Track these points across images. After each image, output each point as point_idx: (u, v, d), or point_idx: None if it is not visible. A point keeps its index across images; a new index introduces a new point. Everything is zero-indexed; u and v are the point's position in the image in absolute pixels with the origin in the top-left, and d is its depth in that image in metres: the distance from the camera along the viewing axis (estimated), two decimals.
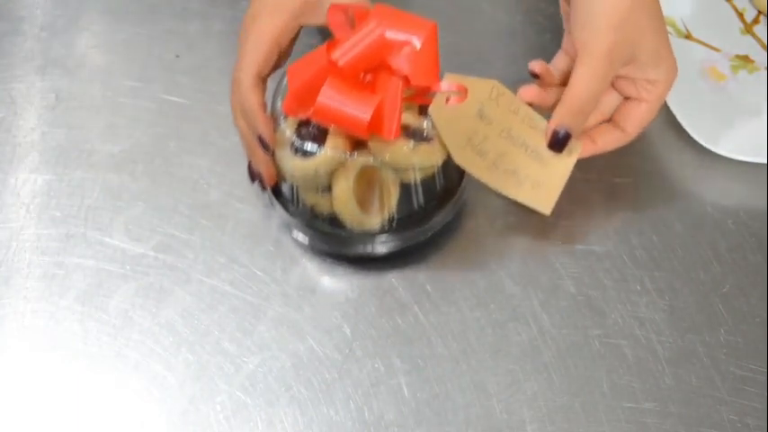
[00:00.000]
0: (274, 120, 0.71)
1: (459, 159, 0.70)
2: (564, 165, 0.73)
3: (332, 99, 0.66)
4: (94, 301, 0.74)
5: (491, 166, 0.71)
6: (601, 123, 0.75)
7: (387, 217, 0.72)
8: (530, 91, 0.73)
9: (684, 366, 0.70)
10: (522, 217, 0.77)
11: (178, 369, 0.71)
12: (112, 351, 0.72)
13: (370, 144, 0.69)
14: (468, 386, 0.70)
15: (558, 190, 0.73)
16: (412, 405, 0.69)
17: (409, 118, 0.69)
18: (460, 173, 0.73)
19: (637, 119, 0.73)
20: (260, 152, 0.71)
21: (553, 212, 0.76)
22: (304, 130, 0.70)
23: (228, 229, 0.77)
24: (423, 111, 0.70)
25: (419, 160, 0.69)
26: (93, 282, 0.75)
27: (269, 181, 0.72)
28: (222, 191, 0.79)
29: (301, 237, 0.74)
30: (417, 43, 0.67)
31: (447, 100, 0.68)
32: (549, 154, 0.72)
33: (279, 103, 0.71)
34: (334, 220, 0.72)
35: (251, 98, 0.70)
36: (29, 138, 0.83)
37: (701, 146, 0.79)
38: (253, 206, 0.78)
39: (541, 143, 0.72)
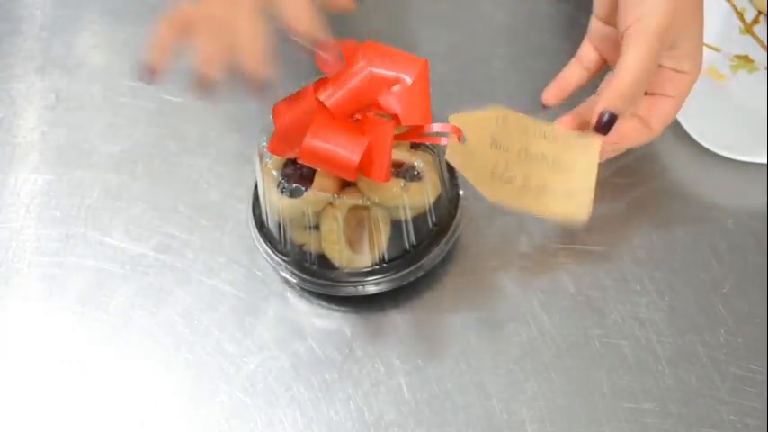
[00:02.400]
0: (260, 157, 0.69)
1: (490, 195, 0.68)
2: (588, 165, 0.71)
3: (319, 141, 0.64)
4: (94, 301, 0.74)
5: (522, 190, 0.70)
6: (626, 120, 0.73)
7: (377, 256, 0.70)
8: (566, 122, 0.72)
9: (684, 366, 0.70)
10: (522, 217, 0.77)
11: (178, 369, 0.71)
12: (112, 351, 0.72)
13: (360, 183, 0.67)
14: (468, 386, 0.70)
15: (591, 191, 0.72)
16: (412, 405, 0.69)
17: (401, 154, 0.68)
18: (453, 210, 0.72)
19: (662, 115, 0.72)
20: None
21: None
22: (290, 170, 0.68)
23: (228, 229, 0.77)
24: (414, 147, 0.69)
25: (410, 200, 0.68)
26: (93, 282, 0.75)
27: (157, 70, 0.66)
28: (222, 191, 0.79)
29: (290, 277, 0.72)
30: (408, 81, 0.65)
31: (457, 138, 0.66)
32: (570, 160, 0.71)
33: (264, 141, 0.69)
34: (323, 259, 0.70)
35: None
36: (29, 138, 0.83)
37: (701, 146, 0.79)
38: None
39: (559, 151, 0.71)
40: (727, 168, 0.79)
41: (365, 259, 0.70)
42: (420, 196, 0.69)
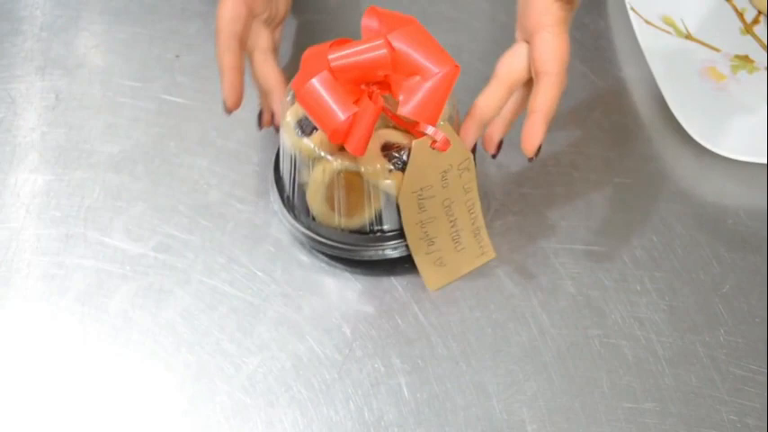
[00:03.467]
0: (283, 105, 0.72)
1: (401, 199, 0.69)
2: (473, 261, 0.74)
3: (316, 91, 0.65)
4: (94, 301, 0.74)
5: (418, 223, 0.71)
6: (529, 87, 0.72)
7: (367, 222, 0.71)
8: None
9: (684, 366, 0.70)
10: (522, 217, 0.77)
11: (178, 369, 0.71)
12: (112, 351, 0.72)
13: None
14: (468, 386, 0.70)
15: (455, 277, 0.74)
16: (412, 405, 0.69)
17: (398, 136, 0.69)
18: None
19: (550, 52, 0.69)
20: (272, 96, 0.74)
21: (553, 212, 0.76)
22: (302, 119, 0.70)
23: (228, 229, 0.77)
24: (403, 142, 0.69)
25: (389, 185, 0.69)
26: (93, 282, 0.75)
27: (266, 122, 0.75)
28: (222, 191, 0.79)
29: (301, 237, 0.74)
30: (434, 71, 0.66)
31: (433, 143, 0.67)
32: (466, 244, 0.73)
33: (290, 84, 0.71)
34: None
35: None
36: (29, 138, 0.83)
37: (701, 146, 0.79)
38: (253, 206, 0.78)
39: (467, 230, 0.72)
40: (727, 168, 0.79)
41: (354, 222, 0.71)
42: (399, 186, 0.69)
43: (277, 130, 0.74)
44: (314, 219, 0.73)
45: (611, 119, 0.83)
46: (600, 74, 0.86)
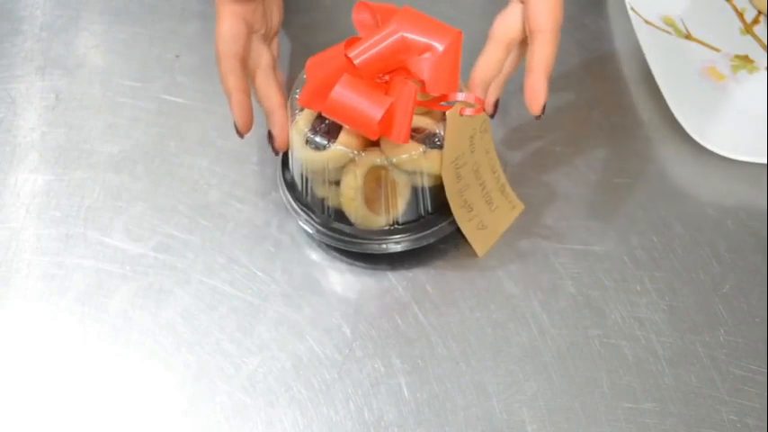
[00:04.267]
0: (291, 110, 0.72)
1: (444, 172, 0.70)
2: (507, 217, 0.76)
3: (344, 96, 0.66)
4: (94, 301, 0.74)
5: (458, 192, 0.71)
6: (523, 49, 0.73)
7: (393, 217, 0.72)
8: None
9: (684, 366, 0.70)
10: (522, 217, 0.77)
11: (178, 369, 0.71)
12: (112, 351, 0.72)
13: (382, 145, 0.69)
14: (468, 386, 0.70)
15: (496, 237, 0.75)
16: (412, 405, 0.69)
17: (425, 122, 0.69)
18: None
19: (545, 10, 0.70)
20: (278, 114, 0.72)
21: (553, 213, 0.76)
22: (318, 125, 0.70)
23: (228, 229, 0.77)
24: (439, 118, 0.70)
25: (428, 166, 0.69)
26: (93, 282, 0.75)
27: (280, 146, 0.73)
28: (222, 191, 0.79)
29: (308, 228, 0.74)
30: (439, 49, 0.67)
31: (462, 110, 0.68)
32: (498, 203, 0.74)
33: (296, 95, 0.71)
34: (341, 215, 0.72)
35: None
36: (29, 138, 0.83)
37: (700, 146, 0.79)
38: (253, 206, 0.78)
39: (495, 190, 0.74)
40: (727, 168, 0.79)
41: (381, 220, 0.72)
42: (438, 163, 0.70)
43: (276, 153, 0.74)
44: (351, 224, 0.73)
45: (610, 119, 0.83)
46: (600, 74, 0.86)
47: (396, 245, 0.73)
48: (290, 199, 0.74)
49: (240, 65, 0.72)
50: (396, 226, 0.73)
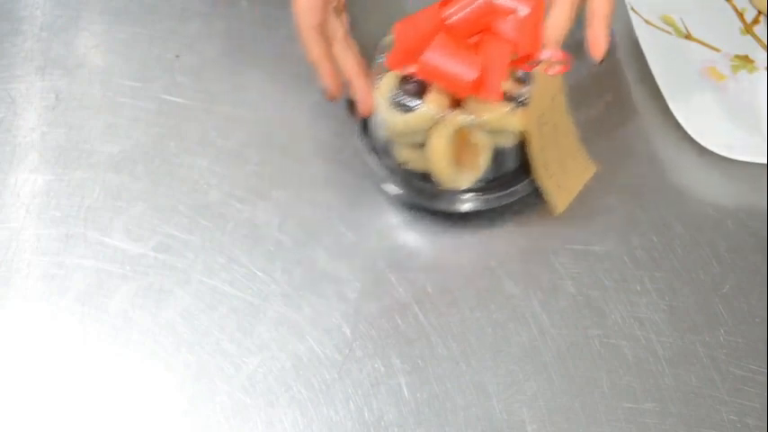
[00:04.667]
0: (376, 74, 0.74)
1: (530, 129, 0.72)
2: (581, 177, 0.78)
3: (439, 56, 0.69)
4: (94, 301, 0.74)
5: (541, 150, 0.73)
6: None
7: (477, 177, 0.74)
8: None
9: (684, 366, 0.70)
10: (523, 217, 0.77)
11: (178, 369, 0.71)
12: (112, 351, 0.72)
13: (468, 104, 0.71)
14: (468, 386, 0.70)
15: (572, 197, 0.77)
16: (412, 405, 0.69)
17: (506, 85, 0.71)
18: None
19: None
20: (361, 80, 0.75)
21: (553, 212, 0.76)
22: (404, 87, 0.72)
23: (228, 229, 0.77)
24: (517, 80, 0.72)
25: (514, 124, 0.71)
26: (92, 282, 0.75)
27: (366, 111, 0.75)
28: (222, 191, 0.79)
29: (391, 188, 0.76)
30: (524, 12, 0.70)
31: (546, 70, 0.71)
32: (573, 163, 0.77)
33: (380, 60, 0.74)
34: (423, 175, 0.75)
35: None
36: (29, 138, 0.83)
37: (701, 146, 0.79)
38: (253, 206, 0.78)
39: (570, 151, 0.76)
40: (727, 168, 0.79)
41: (465, 179, 0.74)
42: (523, 123, 0.71)
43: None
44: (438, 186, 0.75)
45: (611, 119, 0.83)
46: (600, 74, 0.86)
47: (479, 203, 0.75)
48: (374, 162, 0.76)
49: (320, 35, 0.75)
50: (479, 184, 0.75)
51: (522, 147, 0.73)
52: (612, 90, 0.85)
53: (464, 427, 0.68)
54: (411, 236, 0.77)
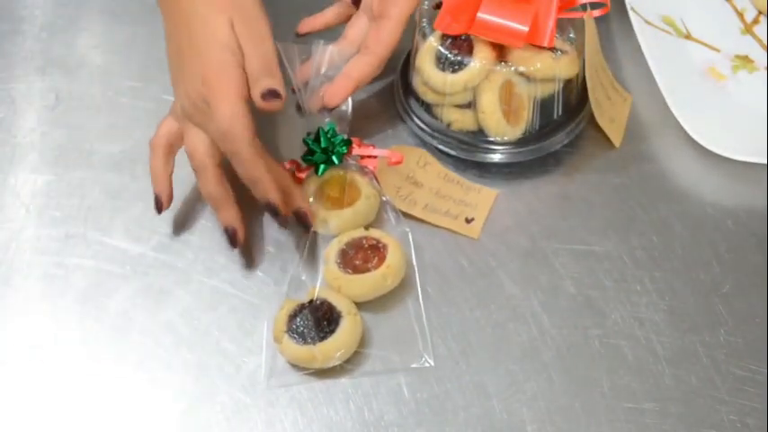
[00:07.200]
0: (422, 36, 0.78)
1: (589, 69, 0.78)
2: (624, 108, 0.83)
3: (492, 12, 0.75)
4: (94, 301, 0.74)
5: (592, 90, 0.79)
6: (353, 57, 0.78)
7: (525, 128, 0.78)
8: None
9: (684, 366, 0.70)
10: (523, 217, 0.77)
11: (178, 369, 0.71)
12: (112, 351, 0.72)
13: (513, 57, 0.76)
14: (468, 386, 0.70)
15: (623, 127, 0.82)
16: (412, 405, 0.69)
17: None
18: (583, 92, 0.79)
19: (383, 38, 0.77)
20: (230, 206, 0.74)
21: (553, 212, 0.76)
22: (449, 48, 0.76)
23: None
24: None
25: (562, 69, 0.76)
26: (93, 282, 0.75)
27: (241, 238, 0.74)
28: None
29: (437, 143, 0.80)
30: None
31: (591, 14, 0.76)
32: (614, 97, 0.82)
33: (425, 23, 0.78)
34: (466, 135, 0.79)
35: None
36: (29, 138, 0.83)
37: (701, 146, 0.79)
38: (252, 206, 0.78)
39: (610, 86, 0.81)
40: (727, 168, 0.79)
41: (515, 131, 0.78)
42: (571, 66, 0.77)
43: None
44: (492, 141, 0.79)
45: None
46: None
47: (520, 154, 0.79)
48: (420, 123, 0.80)
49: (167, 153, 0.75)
50: (528, 134, 0.79)
51: (564, 95, 0.77)
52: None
53: (464, 427, 0.68)
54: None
